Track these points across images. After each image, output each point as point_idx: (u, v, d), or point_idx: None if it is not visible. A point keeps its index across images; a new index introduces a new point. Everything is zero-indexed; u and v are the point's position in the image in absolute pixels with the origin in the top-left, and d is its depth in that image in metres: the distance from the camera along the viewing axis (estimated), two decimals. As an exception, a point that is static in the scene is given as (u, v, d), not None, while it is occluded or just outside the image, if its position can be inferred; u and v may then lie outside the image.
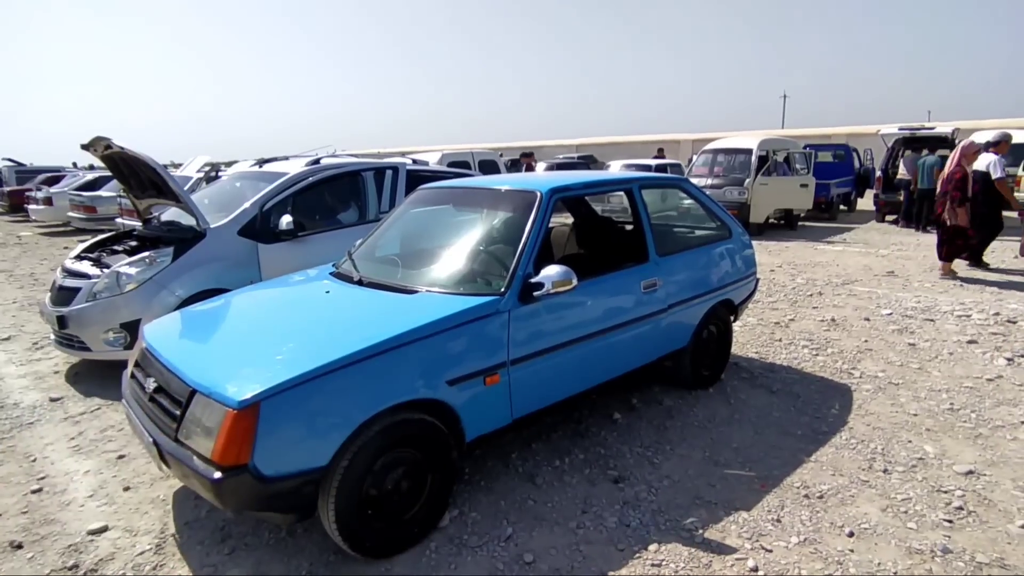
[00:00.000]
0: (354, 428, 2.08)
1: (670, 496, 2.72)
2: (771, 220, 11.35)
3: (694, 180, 9.46)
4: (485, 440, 2.61)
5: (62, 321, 4.11)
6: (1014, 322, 5.27)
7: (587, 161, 21.16)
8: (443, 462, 2.40)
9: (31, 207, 13.70)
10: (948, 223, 7.12)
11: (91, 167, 18.55)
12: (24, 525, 2.59)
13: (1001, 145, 7.32)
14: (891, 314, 5.62)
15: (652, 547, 2.35)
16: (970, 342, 4.75)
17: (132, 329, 4.04)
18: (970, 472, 2.85)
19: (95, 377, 4.30)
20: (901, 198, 11.43)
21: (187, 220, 4.71)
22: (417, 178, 5.32)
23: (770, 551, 2.32)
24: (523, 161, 13.34)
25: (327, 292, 2.83)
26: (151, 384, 2.33)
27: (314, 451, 2.02)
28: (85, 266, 4.38)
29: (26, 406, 3.85)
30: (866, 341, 4.85)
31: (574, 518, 2.56)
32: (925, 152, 10.66)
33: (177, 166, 16.72)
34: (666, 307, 3.38)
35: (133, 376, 2.58)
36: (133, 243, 4.75)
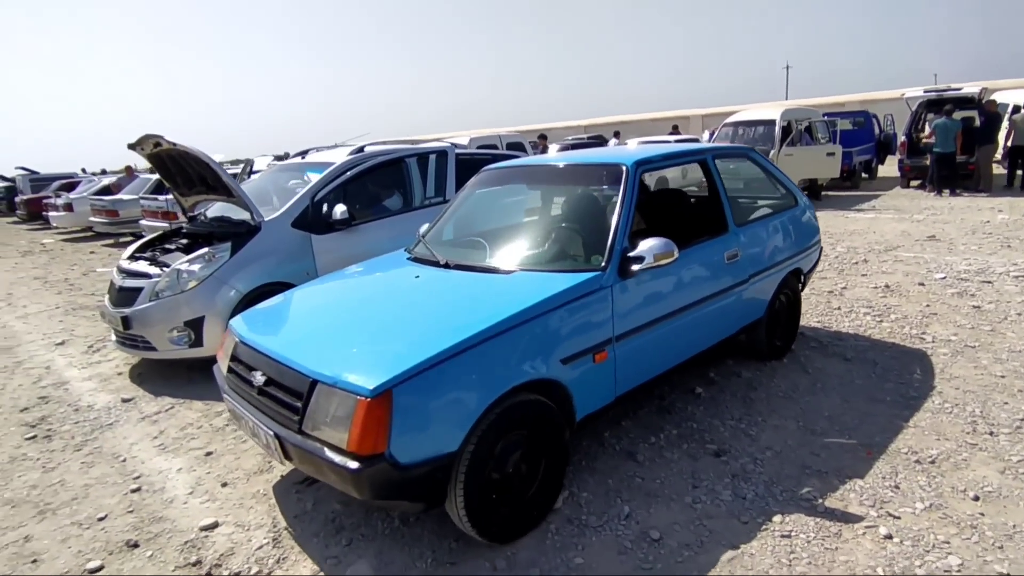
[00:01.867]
0: (483, 410, 2.04)
1: (777, 467, 2.68)
2: (797, 191, 11.20)
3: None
4: (591, 419, 2.58)
5: (126, 322, 4.09)
6: (1076, 280, 5.18)
7: (597, 141, 20.95)
8: (556, 443, 2.37)
9: (52, 214, 13.69)
10: None
11: (103, 171, 18.53)
12: (134, 524, 2.58)
13: None
14: (945, 278, 5.53)
15: (776, 518, 2.32)
16: (1036, 303, 4.67)
17: (196, 327, 4.02)
18: (1078, 430, 2.80)
19: (159, 376, 4.29)
20: (927, 162, 11.26)
21: (237, 215, 4.67)
22: (461, 163, 5.25)
23: (898, 518, 2.28)
24: (540, 143, 13.21)
25: (416, 277, 2.79)
26: (258, 378, 2.30)
27: (445, 436, 1.98)
28: (143, 266, 4.35)
29: (100, 408, 3.84)
30: (928, 306, 4.78)
31: (687, 493, 2.52)
32: (943, 115, 10.47)
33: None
34: (747, 278, 3.32)
35: (232, 371, 2.55)
36: (185, 241, 4.72)
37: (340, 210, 4.38)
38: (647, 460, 2.80)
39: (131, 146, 4.52)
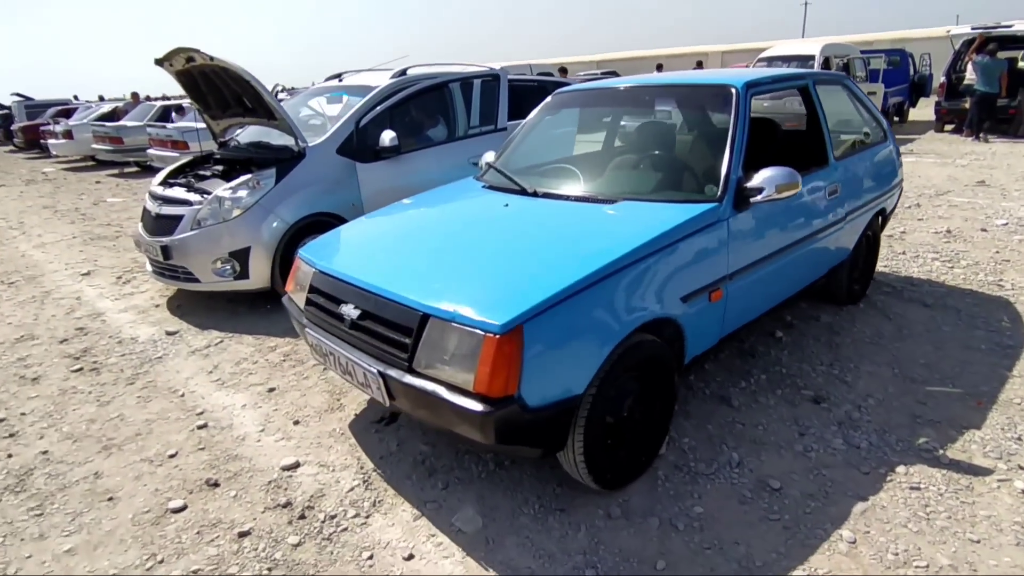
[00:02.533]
0: (610, 350, 1.87)
1: (884, 415, 2.54)
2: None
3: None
4: (695, 362, 2.41)
5: (166, 251, 3.86)
6: None
7: (611, 76, 20.15)
8: (667, 386, 2.21)
9: (51, 142, 13.16)
10: None
11: (101, 98, 17.80)
12: (208, 462, 2.45)
13: None
14: (1007, 224, 5.31)
15: (899, 469, 2.19)
16: (1110, 250, 4.48)
17: (241, 258, 3.80)
18: None
19: (202, 309, 4.10)
20: (966, 106, 10.79)
21: (277, 140, 4.36)
22: (512, 90, 4.90)
23: (1030, 471, 2.16)
24: (560, 76, 12.65)
25: (506, 205, 2.55)
26: (351, 311, 2.10)
27: (572, 377, 1.81)
28: (180, 192, 4.07)
29: (145, 341, 3.67)
30: (997, 252, 4.58)
31: (796, 441, 2.39)
32: (986, 54, 9.96)
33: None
34: (844, 215, 3.10)
35: (313, 304, 2.35)
36: (220, 167, 4.42)
37: (389, 136, 4.08)
38: (743, 405, 2.66)
39: (159, 61, 4.16)
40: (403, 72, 4.63)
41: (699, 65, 16.06)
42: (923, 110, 14.64)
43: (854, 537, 1.89)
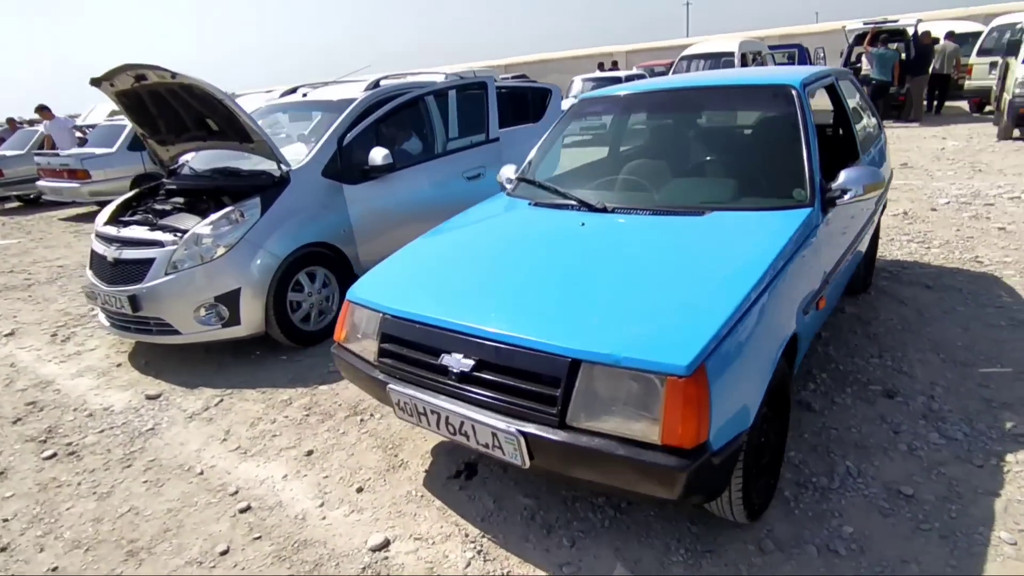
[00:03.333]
0: (770, 377, 1.72)
1: (960, 403, 2.58)
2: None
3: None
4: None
5: (135, 302, 3.31)
6: (1062, 198, 5.53)
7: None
8: (785, 404, 2.10)
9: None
10: None
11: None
12: (274, 553, 2.06)
13: None
14: (950, 203, 5.74)
15: (1009, 458, 2.21)
16: (1048, 220, 4.93)
17: (230, 302, 3.33)
18: None
19: (176, 363, 3.57)
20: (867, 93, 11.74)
21: (245, 165, 3.90)
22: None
23: (1122, 443, 2.24)
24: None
25: (583, 225, 2.35)
26: (458, 362, 1.82)
27: (744, 413, 1.65)
28: (141, 232, 3.51)
29: (123, 410, 3.11)
30: (958, 230, 4.92)
31: (895, 440, 2.36)
32: (880, 45, 10.92)
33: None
34: (874, 207, 3.16)
35: (391, 355, 2.03)
36: (181, 199, 3.87)
37: (381, 155, 3.73)
38: (824, 408, 2.61)
39: (96, 81, 3.58)
40: (376, 84, 4.28)
41: (613, 64, 16.46)
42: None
43: (1014, 539, 1.86)
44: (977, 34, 12.26)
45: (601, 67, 16.66)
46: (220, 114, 3.48)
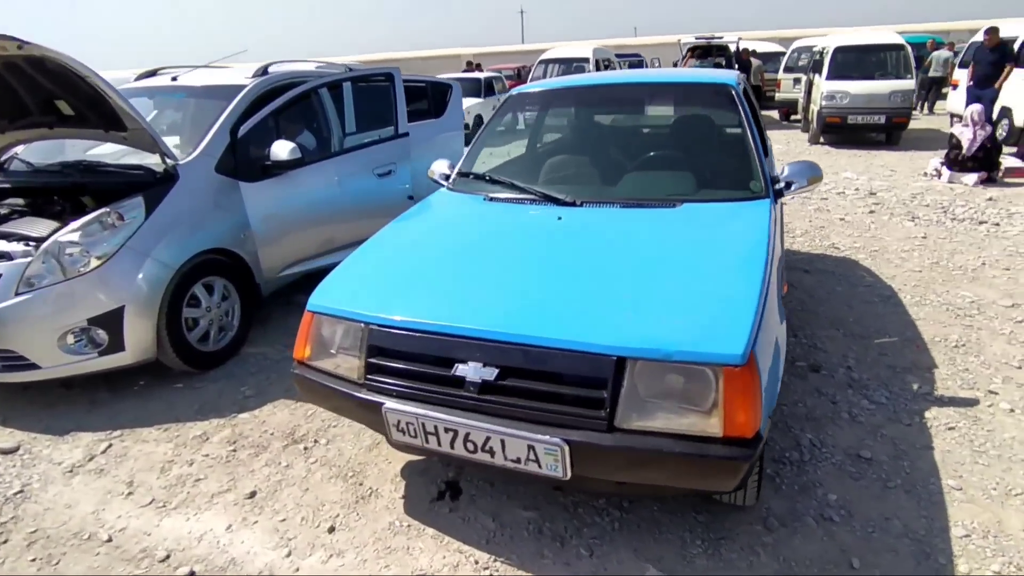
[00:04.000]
0: (783, 361, 1.78)
1: (872, 371, 2.91)
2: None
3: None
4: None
5: (-26, 332, 2.58)
6: (874, 193, 6.59)
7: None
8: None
9: None
10: None
11: None
12: (250, 623, 1.70)
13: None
14: (793, 198, 6.54)
15: (927, 415, 2.53)
16: (871, 212, 5.84)
17: (110, 323, 2.73)
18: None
19: (26, 405, 2.85)
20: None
21: (109, 158, 3.25)
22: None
23: (996, 394, 2.67)
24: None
25: (559, 219, 2.25)
26: (476, 372, 1.64)
27: (772, 396, 1.68)
28: (-24, 244, 2.74)
29: (-29, 472, 2.40)
30: (811, 221, 5.62)
31: (837, 410, 2.60)
32: (707, 59, 12.29)
33: None
34: (779, 201, 3.46)
35: (383, 370, 1.78)
36: (18, 200, 3.10)
37: (287, 149, 3.31)
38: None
39: None
40: (265, 71, 3.80)
41: (477, 66, 16.55)
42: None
43: (959, 484, 2.12)
44: (778, 53, 14.31)
45: (469, 67, 16.70)
46: (82, 95, 2.84)
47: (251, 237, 3.37)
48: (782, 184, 2.45)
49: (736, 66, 12.62)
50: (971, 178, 6.53)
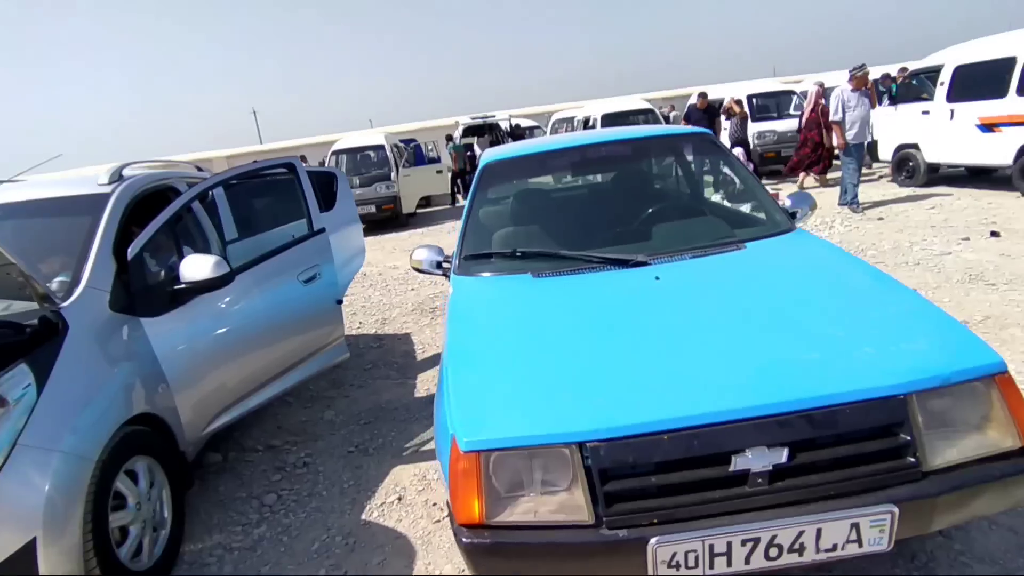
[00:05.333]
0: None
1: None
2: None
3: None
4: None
5: None
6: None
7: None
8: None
9: None
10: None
11: None
12: None
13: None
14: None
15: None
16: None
17: (20, 563, 1.69)
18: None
19: None
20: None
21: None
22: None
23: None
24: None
25: (656, 279, 2.07)
26: (760, 459, 1.36)
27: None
28: None
29: None
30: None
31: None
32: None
33: None
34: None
35: (629, 496, 1.37)
36: None
37: (209, 264, 2.50)
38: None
39: None
40: (119, 175, 2.91)
41: (304, 160, 15.29)
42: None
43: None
44: (534, 127, 16.13)
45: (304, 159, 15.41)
46: None
47: (167, 390, 2.47)
48: (792, 214, 2.62)
49: (510, 139, 13.81)
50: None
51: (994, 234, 5.39)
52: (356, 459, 2.98)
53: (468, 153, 14.30)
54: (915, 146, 8.04)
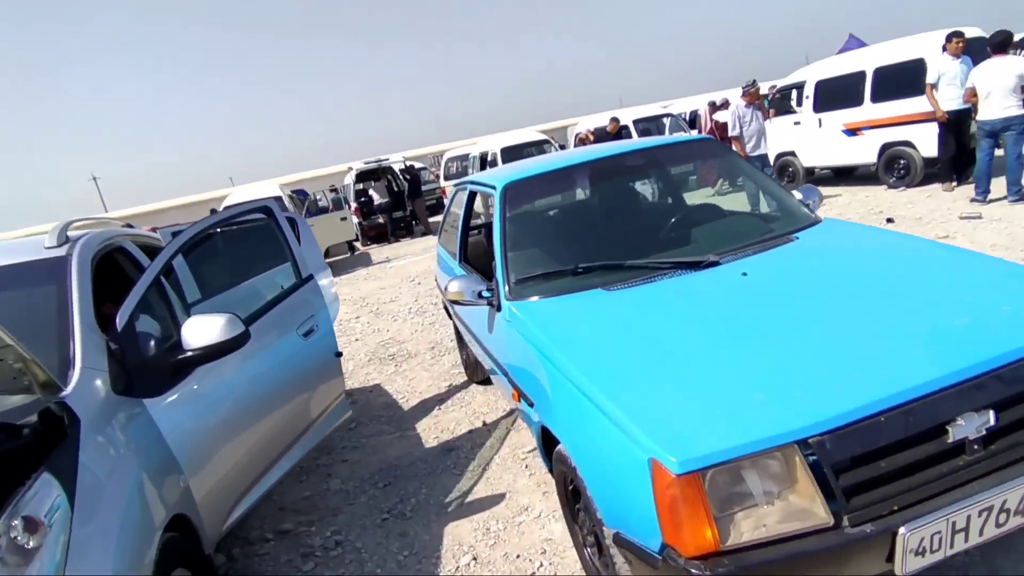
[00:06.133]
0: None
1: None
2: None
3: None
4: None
5: None
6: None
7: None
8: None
9: None
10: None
11: None
12: None
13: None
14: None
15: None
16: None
17: None
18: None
19: None
20: (382, 221, 13.57)
21: None
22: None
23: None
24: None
25: (744, 275, 2.04)
26: (974, 421, 1.34)
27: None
28: None
29: None
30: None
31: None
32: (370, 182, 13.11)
33: None
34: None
35: (865, 486, 1.29)
36: None
37: (216, 326, 2.09)
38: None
39: None
40: (66, 237, 2.41)
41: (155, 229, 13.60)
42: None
43: None
44: (423, 168, 16.08)
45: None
46: None
47: (184, 479, 2.03)
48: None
49: (408, 179, 13.58)
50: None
51: (889, 220, 6.09)
52: (396, 525, 2.64)
53: (363, 199, 13.89)
54: (792, 153, 9.01)
